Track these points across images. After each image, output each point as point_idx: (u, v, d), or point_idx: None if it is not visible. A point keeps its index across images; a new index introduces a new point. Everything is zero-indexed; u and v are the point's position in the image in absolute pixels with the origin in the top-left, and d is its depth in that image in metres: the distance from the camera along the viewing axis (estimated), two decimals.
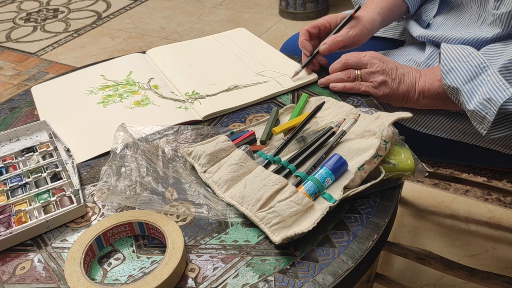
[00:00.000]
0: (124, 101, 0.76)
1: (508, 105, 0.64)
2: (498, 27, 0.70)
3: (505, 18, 0.68)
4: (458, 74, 0.68)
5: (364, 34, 0.80)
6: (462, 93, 0.68)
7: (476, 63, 0.68)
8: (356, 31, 0.78)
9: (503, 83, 0.64)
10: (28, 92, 0.82)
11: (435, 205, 1.38)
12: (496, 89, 0.64)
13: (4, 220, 0.54)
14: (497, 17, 0.70)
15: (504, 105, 0.64)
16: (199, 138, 0.66)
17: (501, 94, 0.64)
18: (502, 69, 0.65)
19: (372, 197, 0.55)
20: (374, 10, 0.83)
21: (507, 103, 0.64)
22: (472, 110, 0.67)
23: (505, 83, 0.64)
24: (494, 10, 0.71)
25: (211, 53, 0.90)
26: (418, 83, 0.74)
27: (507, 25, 0.69)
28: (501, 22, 0.69)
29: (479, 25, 0.77)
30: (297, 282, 0.46)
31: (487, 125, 0.67)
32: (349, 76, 0.75)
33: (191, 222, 0.54)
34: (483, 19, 0.76)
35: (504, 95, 0.64)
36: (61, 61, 2.36)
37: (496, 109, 0.64)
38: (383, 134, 0.55)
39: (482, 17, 0.76)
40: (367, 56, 0.75)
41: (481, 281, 0.92)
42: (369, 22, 0.80)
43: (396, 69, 0.75)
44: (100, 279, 0.48)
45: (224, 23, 2.63)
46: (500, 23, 0.69)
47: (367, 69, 0.74)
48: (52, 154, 0.64)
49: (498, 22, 0.70)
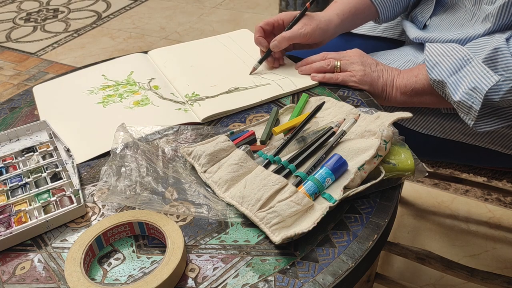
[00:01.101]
0: (124, 101, 0.76)
1: (493, 95, 0.65)
2: (490, 22, 0.70)
3: (496, 11, 0.68)
4: (443, 68, 0.69)
5: (317, 34, 0.79)
6: (447, 86, 0.69)
7: (460, 56, 0.69)
8: (308, 29, 0.78)
9: (488, 71, 0.65)
10: (28, 92, 0.82)
11: (435, 205, 1.38)
12: (481, 77, 0.65)
13: (4, 220, 0.54)
14: (490, 12, 0.70)
15: (489, 94, 0.65)
16: (199, 138, 0.66)
17: (486, 81, 0.65)
18: (486, 59, 0.66)
19: (372, 197, 0.55)
20: (333, 11, 0.83)
21: (492, 91, 0.65)
22: (458, 101, 0.68)
23: (489, 71, 0.65)
24: (489, 6, 0.71)
25: (212, 54, 0.90)
26: (396, 80, 0.76)
27: (497, 19, 0.69)
28: (493, 16, 0.69)
29: (472, 23, 0.77)
30: (297, 282, 0.46)
31: (474, 115, 0.68)
32: (329, 64, 0.76)
33: (191, 222, 0.54)
34: (476, 17, 0.76)
35: (489, 82, 0.64)
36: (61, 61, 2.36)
37: (482, 97, 0.65)
38: (383, 134, 0.55)
39: (476, 15, 0.76)
40: (347, 51, 0.77)
41: (481, 281, 0.92)
42: (324, 22, 0.80)
43: (376, 64, 0.77)
44: (100, 279, 0.48)
45: (224, 23, 2.63)
46: (492, 17, 0.69)
47: (346, 60, 0.76)
48: (52, 154, 0.64)
49: (490, 17, 0.70)
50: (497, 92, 0.65)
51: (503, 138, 0.78)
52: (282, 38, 0.78)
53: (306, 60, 0.81)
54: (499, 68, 0.65)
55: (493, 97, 0.65)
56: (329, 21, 0.81)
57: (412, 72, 0.76)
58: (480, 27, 0.73)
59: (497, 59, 0.65)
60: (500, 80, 0.64)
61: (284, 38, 0.78)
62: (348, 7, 0.84)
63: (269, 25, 0.81)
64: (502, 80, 0.64)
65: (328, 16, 0.82)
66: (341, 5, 0.84)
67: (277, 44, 0.78)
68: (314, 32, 0.79)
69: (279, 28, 0.82)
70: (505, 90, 0.64)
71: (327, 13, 0.83)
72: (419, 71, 0.75)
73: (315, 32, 0.79)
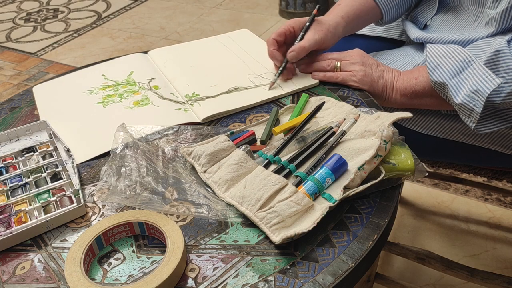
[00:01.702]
0: (124, 101, 0.76)
1: (495, 97, 0.65)
2: (493, 26, 0.70)
3: (499, 16, 0.68)
4: (445, 70, 0.69)
5: (328, 38, 0.80)
6: (449, 88, 0.69)
7: (462, 58, 0.68)
8: (321, 35, 0.78)
9: (489, 74, 0.65)
10: (28, 92, 0.82)
11: (435, 205, 1.38)
12: (483, 80, 0.65)
13: (4, 220, 0.54)
14: (492, 17, 0.70)
15: (491, 97, 0.65)
16: (199, 138, 0.66)
17: (488, 84, 0.65)
18: (487, 62, 0.66)
19: (372, 197, 0.55)
20: (337, 14, 0.84)
21: (493, 94, 0.65)
22: (460, 104, 0.68)
23: (491, 74, 0.65)
24: (492, 10, 0.71)
25: (213, 54, 0.90)
26: (397, 81, 0.76)
27: (501, 23, 0.69)
28: (496, 21, 0.69)
29: (475, 26, 0.77)
30: (297, 282, 0.46)
31: (475, 118, 0.68)
32: (329, 65, 0.77)
33: (191, 222, 0.54)
34: (479, 20, 0.76)
35: (491, 85, 0.64)
36: (61, 61, 2.36)
37: (484, 100, 0.65)
38: (383, 134, 0.55)
39: (479, 18, 0.76)
40: (348, 51, 0.78)
41: (481, 281, 0.92)
42: (332, 25, 0.81)
43: (376, 65, 0.77)
44: (100, 279, 0.48)
45: (224, 23, 2.63)
46: (495, 22, 0.69)
47: (346, 60, 0.77)
48: (52, 154, 0.64)
49: (492, 21, 0.70)
50: (499, 94, 0.65)
51: (503, 138, 0.78)
52: (301, 49, 0.77)
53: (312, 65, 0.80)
54: (501, 70, 0.65)
55: (494, 99, 0.65)
56: (337, 24, 0.81)
57: (412, 74, 0.76)
58: (483, 31, 0.73)
59: (498, 61, 0.65)
60: (501, 82, 0.64)
61: (303, 49, 0.77)
62: (352, 9, 0.84)
63: (281, 36, 0.80)
64: (504, 82, 0.64)
65: (334, 19, 0.82)
66: (345, 7, 0.84)
67: (296, 55, 0.77)
68: (326, 36, 0.79)
69: (291, 37, 0.81)
70: (507, 93, 0.64)
71: (333, 17, 0.83)
72: (419, 73, 0.75)
73: (327, 36, 0.79)
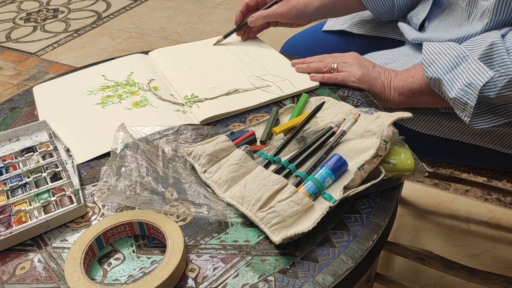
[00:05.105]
0: (123, 102, 0.76)
1: (489, 91, 0.65)
2: (487, 17, 0.70)
3: (492, 6, 0.68)
4: (439, 65, 0.70)
5: (292, 13, 0.87)
6: (444, 83, 0.69)
7: (457, 53, 0.69)
8: (283, 10, 0.87)
9: (483, 67, 0.65)
10: (28, 92, 0.82)
11: (435, 205, 1.38)
12: (476, 73, 0.66)
13: (4, 220, 0.54)
14: (486, 7, 0.70)
15: (485, 90, 0.65)
16: (199, 138, 0.66)
17: (480, 77, 0.65)
18: (482, 56, 0.66)
19: (372, 197, 0.55)
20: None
21: (487, 88, 0.65)
22: (454, 98, 0.68)
23: (484, 67, 0.65)
24: (485, 1, 0.71)
25: (213, 55, 0.89)
26: (394, 81, 0.77)
27: (495, 14, 0.69)
28: (490, 11, 0.69)
29: (470, 21, 0.77)
30: (297, 282, 0.46)
31: (469, 111, 0.68)
32: (326, 66, 0.78)
33: (191, 222, 0.54)
34: (473, 15, 0.76)
35: (484, 78, 0.64)
36: (61, 61, 2.36)
37: (477, 93, 0.65)
38: (383, 134, 0.55)
39: (472, 13, 0.76)
40: (344, 54, 0.80)
41: (481, 281, 0.92)
42: (301, 3, 0.87)
43: (373, 66, 0.78)
44: (100, 279, 0.48)
45: (224, 23, 2.63)
46: (489, 12, 0.69)
47: (343, 62, 0.78)
48: (52, 154, 0.64)
49: (486, 12, 0.70)
50: (493, 88, 0.65)
51: (502, 137, 0.78)
52: (259, 16, 0.87)
53: (304, 60, 0.81)
54: (495, 64, 0.65)
55: (489, 93, 0.65)
56: (307, 3, 0.88)
57: (408, 73, 0.76)
58: (478, 24, 0.74)
59: (492, 55, 0.65)
60: (495, 75, 0.64)
61: (261, 16, 0.87)
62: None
63: (253, 1, 0.90)
64: (498, 76, 0.64)
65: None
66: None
67: (254, 20, 0.88)
68: (290, 12, 0.87)
69: (263, 5, 0.90)
70: (501, 86, 0.64)
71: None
72: (415, 71, 0.75)
73: (290, 12, 0.87)
